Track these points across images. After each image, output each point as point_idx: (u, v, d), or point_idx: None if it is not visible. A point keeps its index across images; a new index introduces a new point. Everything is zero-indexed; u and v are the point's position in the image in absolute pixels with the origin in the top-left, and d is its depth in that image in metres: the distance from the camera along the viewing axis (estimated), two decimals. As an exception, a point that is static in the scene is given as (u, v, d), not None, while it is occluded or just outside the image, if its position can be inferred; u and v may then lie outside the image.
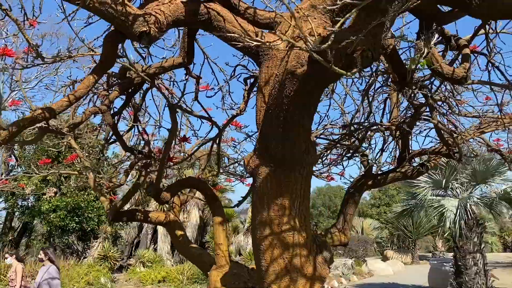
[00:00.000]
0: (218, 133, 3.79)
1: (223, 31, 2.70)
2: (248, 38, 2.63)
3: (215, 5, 2.73)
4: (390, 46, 3.13)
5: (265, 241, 2.71)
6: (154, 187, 3.39)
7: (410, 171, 5.14)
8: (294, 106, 2.39)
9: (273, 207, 2.66)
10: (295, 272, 2.73)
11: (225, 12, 2.73)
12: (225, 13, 2.72)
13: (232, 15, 2.77)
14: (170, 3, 2.56)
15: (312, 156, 2.77)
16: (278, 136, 2.56)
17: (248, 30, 2.77)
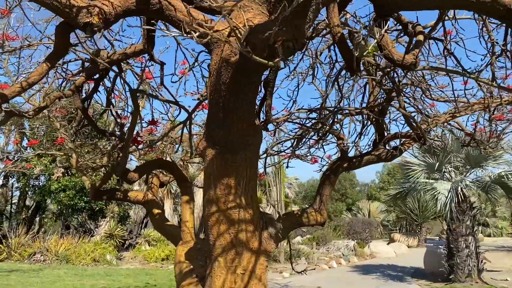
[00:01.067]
0: (187, 117, 3.98)
1: (174, 21, 2.86)
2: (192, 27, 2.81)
3: (167, -4, 2.88)
4: (338, 34, 3.27)
5: (212, 217, 2.92)
6: (120, 167, 3.61)
7: (384, 154, 5.27)
8: (230, 93, 2.56)
9: (219, 187, 2.86)
10: (241, 246, 2.94)
11: (176, 1, 2.88)
12: (175, 2, 2.87)
13: (184, 4, 2.92)
14: None
15: (256, 139, 2.95)
16: (219, 121, 2.74)
17: (198, 19, 2.92)
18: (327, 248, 18.06)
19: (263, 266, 3.07)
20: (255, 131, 2.88)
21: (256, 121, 2.90)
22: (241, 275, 2.93)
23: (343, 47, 3.29)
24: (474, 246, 9.72)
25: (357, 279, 11.12)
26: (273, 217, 3.22)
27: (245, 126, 2.77)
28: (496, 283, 9.65)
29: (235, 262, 2.93)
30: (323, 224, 5.45)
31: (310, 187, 39.49)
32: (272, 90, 3.95)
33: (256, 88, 2.66)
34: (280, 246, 14.51)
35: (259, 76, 2.56)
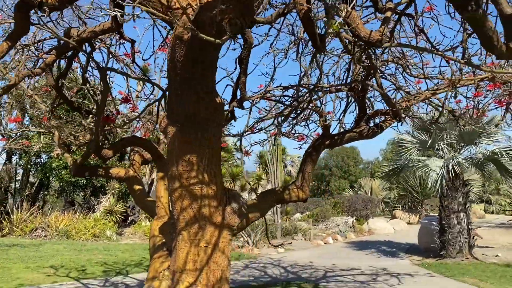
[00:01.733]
0: (162, 94, 4.02)
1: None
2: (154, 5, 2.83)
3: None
4: (303, 10, 3.26)
5: (175, 193, 2.99)
6: (93, 144, 3.68)
7: (366, 131, 5.31)
8: (185, 71, 2.60)
9: (181, 163, 2.93)
10: (204, 220, 3.03)
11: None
12: None
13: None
14: None
15: (217, 117, 3.00)
16: (178, 99, 2.79)
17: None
18: (326, 225, 18.25)
19: (227, 240, 3.17)
20: (216, 109, 2.93)
21: (217, 99, 2.94)
22: (204, 248, 3.03)
23: (307, 24, 3.29)
24: (466, 223, 9.79)
25: (350, 255, 11.28)
26: (237, 193, 3.29)
27: (205, 104, 2.82)
28: (486, 259, 9.76)
29: (198, 235, 3.02)
30: (305, 200, 5.55)
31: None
32: (246, 68, 3.94)
33: (212, 65, 2.69)
34: (277, 222, 14.69)
35: (212, 53, 2.58)
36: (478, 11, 2.18)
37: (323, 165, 38.06)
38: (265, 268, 9.15)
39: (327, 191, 36.22)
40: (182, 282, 2.98)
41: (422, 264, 9.44)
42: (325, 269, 8.94)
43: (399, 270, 8.69)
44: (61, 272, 8.35)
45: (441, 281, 7.59)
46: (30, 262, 9.11)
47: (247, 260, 10.27)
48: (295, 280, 7.80)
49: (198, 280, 2.99)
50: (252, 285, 7.31)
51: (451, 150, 9.93)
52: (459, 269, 8.62)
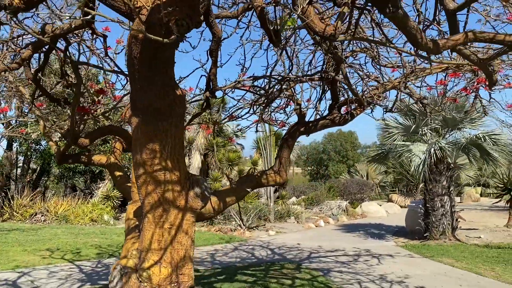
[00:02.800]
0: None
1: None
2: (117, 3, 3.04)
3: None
4: (258, 7, 3.48)
5: (140, 179, 3.25)
6: (70, 133, 3.93)
7: (338, 118, 5.56)
8: (142, 66, 2.82)
9: (145, 151, 3.17)
10: (167, 204, 3.29)
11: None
12: None
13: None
14: None
15: (179, 108, 3.23)
16: (137, 92, 3.03)
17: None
18: (320, 208, 18.60)
19: (190, 222, 3.43)
20: (177, 100, 3.16)
21: (178, 91, 3.17)
22: (168, 229, 3.29)
23: (262, 21, 3.51)
24: (449, 206, 10.06)
25: (338, 237, 11.60)
26: (200, 178, 3.54)
27: (164, 96, 3.05)
28: (468, 240, 10.06)
29: (162, 218, 3.28)
30: (282, 184, 5.83)
31: (313, 150, 39.91)
32: (216, 60, 4.17)
33: (167, 61, 2.91)
34: (270, 206, 15.00)
35: (167, 50, 2.80)
36: (397, 12, 2.40)
37: (321, 150, 38.38)
38: (254, 250, 9.47)
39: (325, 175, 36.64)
40: (147, 260, 3.25)
41: (406, 246, 9.75)
42: (310, 250, 9.26)
43: (381, 251, 9.00)
44: (57, 254, 8.70)
45: (419, 261, 7.90)
46: (27, 245, 9.47)
47: (238, 242, 10.61)
48: (280, 261, 8.12)
49: (163, 258, 3.26)
50: (238, 266, 7.63)
51: (435, 135, 10.14)
52: (440, 250, 8.93)
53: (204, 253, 9.09)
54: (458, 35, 2.70)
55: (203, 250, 9.41)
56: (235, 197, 4.91)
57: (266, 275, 6.75)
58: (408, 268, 7.28)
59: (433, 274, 6.81)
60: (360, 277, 6.61)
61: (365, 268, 7.31)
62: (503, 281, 6.19)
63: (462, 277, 6.54)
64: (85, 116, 4.44)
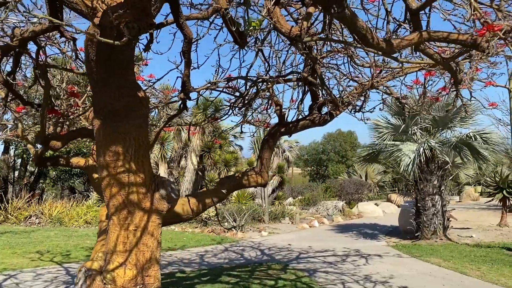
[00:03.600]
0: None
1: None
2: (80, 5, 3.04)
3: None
4: (222, 9, 3.48)
5: (104, 181, 3.25)
6: (40, 136, 3.94)
7: (317, 119, 5.56)
8: (99, 68, 2.83)
9: (107, 154, 3.17)
10: (132, 206, 3.28)
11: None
12: None
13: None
14: None
15: (142, 109, 3.23)
16: (97, 94, 3.03)
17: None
18: (316, 209, 18.58)
19: (155, 223, 3.42)
20: (139, 101, 3.16)
21: (139, 93, 3.17)
22: (134, 231, 3.28)
23: (226, 23, 3.52)
24: (440, 205, 10.04)
25: (330, 237, 11.59)
26: (165, 180, 3.54)
27: (124, 98, 3.05)
28: (460, 240, 10.03)
29: (127, 220, 3.27)
30: (264, 185, 5.83)
31: (312, 150, 39.88)
32: (188, 61, 4.18)
33: (125, 63, 2.91)
34: (264, 207, 14.99)
35: (123, 53, 2.81)
36: (343, 12, 2.39)
37: (320, 150, 38.35)
38: (244, 251, 9.47)
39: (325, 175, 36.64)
40: (112, 262, 3.25)
41: (396, 246, 9.73)
42: (300, 251, 9.25)
43: (371, 251, 8.99)
44: (46, 257, 8.71)
45: (406, 261, 7.88)
46: (18, 248, 9.49)
47: (229, 243, 10.61)
48: (268, 261, 8.11)
49: (128, 260, 3.26)
50: (224, 267, 7.63)
51: (426, 135, 10.12)
52: (429, 250, 8.90)
53: (194, 254, 9.09)
54: (412, 34, 2.70)
55: (193, 252, 9.41)
56: (216, 198, 4.92)
57: (251, 276, 6.75)
58: (394, 268, 7.27)
59: (418, 274, 6.79)
60: (345, 277, 6.59)
61: (351, 268, 7.30)
62: (487, 281, 6.17)
63: (446, 277, 6.52)
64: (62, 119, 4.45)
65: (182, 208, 4.50)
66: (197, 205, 4.62)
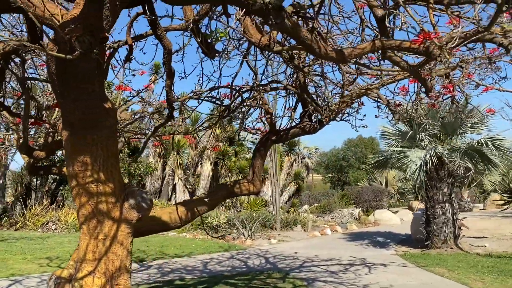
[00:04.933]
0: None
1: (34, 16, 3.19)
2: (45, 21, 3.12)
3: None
4: (190, 20, 3.52)
5: (73, 191, 3.31)
6: (23, 146, 4.06)
7: (308, 126, 5.55)
8: (60, 82, 2.90)
9: (76, 164, 3.23)
10: (102, 215, 3.33)
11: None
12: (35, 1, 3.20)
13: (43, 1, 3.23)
14: None
15: (109, 121, 3.29)
16: (62, 106, 3.11)
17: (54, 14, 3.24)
18: (331, 216, 18.38)
19: (125, 233, 3.46)
20: (105, 113, 3.22)
21: (106, 104, 3.23)
22: (103, 240, 3.33)
23: (195, 34, 3.56)
24: (451, 213, 9.78)
25: (340, 245, 11.44)
26: (135, 190, 3.58)
27: (89, 110, 3.11)
28: (472, 249, 9.74)
29: (97, 229, 3.33)
30: (256, 193, 5.84)
31: (333, 157, 39.51)
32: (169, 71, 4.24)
33: (86, 76, 2.96)
34: (276, 214, 14.92)
35: (81, 65, 2.86)
36: (283, 23, 2.39)
37: (341, 157, 37.97)
38: (249, 259, 9.45)
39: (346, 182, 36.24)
40: (81, 270, 3.31)
41: (405, 255, 9.52)
42: (305, 259, 9.17)
43: (377, 260, 8.83)
44: (54, 263, 8.92)
45: (410, 271, 7.70)
46: (29, 254, 9.74)
47: (236, 251, 10.60)
48: (270, 270, 8.07)
49: (96, 269, 3.31)
50: (225, 275, 7.63)
51: (434, 141, 9.91)
52: (437, 259, 8.68)
53: (199, 261, 9.12)
54: (365, 43, 2.68)
55: (199, 259, 9.45)
56: (205, 207, 4.95)
57: (248, 284, 6.73)
58: (396, 277, 7.11)
59: (419, 285, 6.63)
60: (343, 287, 6.50)
61: (352, 277, 7.18)
62: (488, 292, 5.97)
63: (447, 288, 6.35)
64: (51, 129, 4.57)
65: (169, 217, 4.54)
66: (185, 214, 4.65)
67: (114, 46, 4.32)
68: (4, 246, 10.95)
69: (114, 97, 5.38)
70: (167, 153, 21.16)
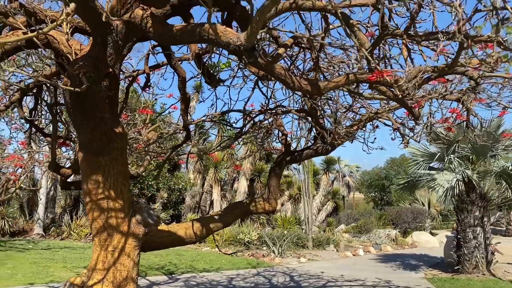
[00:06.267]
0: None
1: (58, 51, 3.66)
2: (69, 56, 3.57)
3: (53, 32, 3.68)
4: (194, 53, 3.88)
5: (87, 206, 3.71)
6: (52, 165, 4.52)
7: (320, 148, 5.75)
8: (75, 110, 3.31)
9: (89, 182, 3.63)
10: (111, 229, 3.70)
11: (59, 35, 3.67)
12: (59, 37, 3.66)
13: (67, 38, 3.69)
14: (12, 35, 3.57)
15: (119, 143, 3.67)
16: (77, 131, 3.52)
17: (76, 49, 3.69)
18: (368, 237, 18.11)
19: (132, 246, 3.80)
20: (115, 137, 3.61)
21: (117, 129, 3.61)
22: (112, 252, 3.69)
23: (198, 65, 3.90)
24: (483, 238, 9.50)
25: (368, 267, 11.33)
26: (143, 206, 3.92)
27: (101, 134, 3.50)
28: (505, 276, 9.37)
29: (107, 241, 3.69)
30: (272, 212, 6.10)
31: (375, 176, 38.76)
32: (184, 97, 4.63)
33: (97, 104, 3.36)
34: (308, 233, 14.93)
35: (92, 96, 3.26)
36: (256, 62, 2.66)
37: (383, 176, 37.19)
38: (274, 276, 9.59)
39: (389, 202, 35.42)
40: (92, 278, 3.67)
41: (433, 279, 9.32)
42: (330, 279, 9.19)
43: (401, 283, 8.72)
44: (90, 272, 9.45)
45: (433, 296, 7.58)
46: (69, 263, 10.38)
47: (263, 268, 10.77)
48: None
49: (106, 277, 3.66)
50: (246, 291, 7.84)
51: (464, 163, 9.71)
52: (465, 285, 8.46)
53: (225, 277, 9.37)
54: (340, 77, 2.89)
55: (226, 274, 9.70)
56: (220, 224, 5.23)
57: (265, 301, 6.90)
58: (416, 301, 7.05)
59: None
60: (359, 308, 6.53)
61: (371, 299, 7.18)
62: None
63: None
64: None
65: (185, 232, 4.85)
66: (200, 230, 4.95)
67: (133, 74, 4.79)
68: (48, 254, 11.70)
69: (142, 119, 5.82)
70: (206, 169, 21.73)
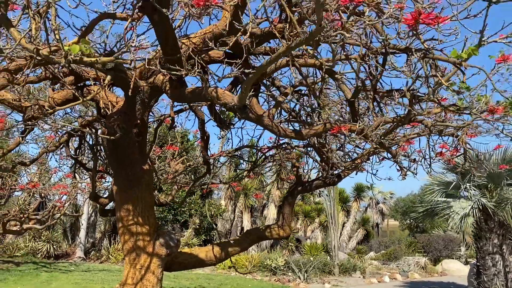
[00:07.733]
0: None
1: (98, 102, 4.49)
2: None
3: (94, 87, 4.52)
4: (208, 102, 4.64)
5: (119, 230, 4.46)
6: (92, 194, 5.34)
7: (328, 179, 6.34)
8: (110, 152, 4.11)
9: (122, 210, 4.40)
10: (139, 250, 4.43)
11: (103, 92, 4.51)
12: (102, 93, 4.51)
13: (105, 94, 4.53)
14: (62, 91, 4.44)
15: (147, 178, 4.43)
16: (112, 168, 4.31)
17: (112, 101, 4.52)
18: (397, 264, 18.13)
19: (156, 265, 4.51)
20: (143, 173, 4.38)
21: (145, 166, 4.39)
22: (139, 269, 4.42)
23: (210, 111, 4.66)
24: (502, 265, 9.64)
25: (391, 293, 11.56)
26: (164, 231, 4.63)
27: (132, 171, 4.28)
28: (526, 304, 9.44)
29: (135, 260, 4.42)
30: (286, 238, 6.74)
31: (410, 202, 38.24)
32: (203, 136, 5.40)
33: (130, 149, 4.14)
34: (334, 260, 15.22)
35: (124, 142, 4.05)
36: (248, 116, 3.36)
37: (419, 202, 36.72)
38: (296, 300, 10.05)
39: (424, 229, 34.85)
40: (123, 291, 4.40)
41: (452, 306, 9.51)
42: (349, 304, 9.57)
43: (419, 309, 8.98)
44: (125, 293, 10.22)
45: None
46: (106, 284, 11.21)
47: (287, 293, 11.24)
48: (311, 311, 8.64)
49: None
50: (267, 312, 8.35)
51: (481, 192, 9.95)
52: (482, 311, 8.63)
53: (249, 299, 9.92)
54: (318, 126, 3.55)
55: (250, 297, 10.25)
56: (238, 248, 5.89)
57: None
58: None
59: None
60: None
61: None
62: None
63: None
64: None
65: (205, 255, 5.52)
66: (220, 253, 5.61)
67: (161, 118, 5.61)
68: (88, 275, 12.60)
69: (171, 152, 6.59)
70: (237, 196, 22.45)
